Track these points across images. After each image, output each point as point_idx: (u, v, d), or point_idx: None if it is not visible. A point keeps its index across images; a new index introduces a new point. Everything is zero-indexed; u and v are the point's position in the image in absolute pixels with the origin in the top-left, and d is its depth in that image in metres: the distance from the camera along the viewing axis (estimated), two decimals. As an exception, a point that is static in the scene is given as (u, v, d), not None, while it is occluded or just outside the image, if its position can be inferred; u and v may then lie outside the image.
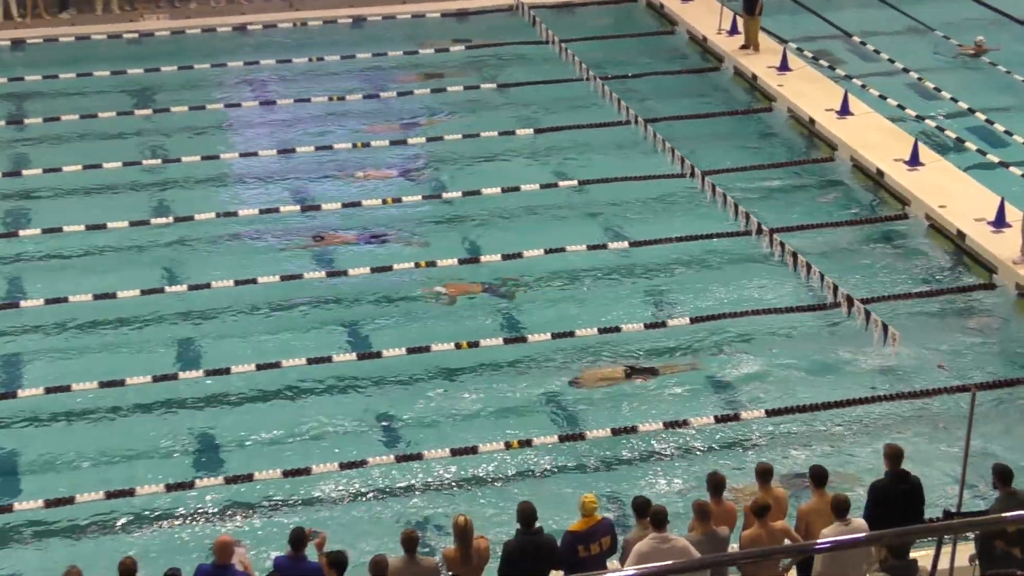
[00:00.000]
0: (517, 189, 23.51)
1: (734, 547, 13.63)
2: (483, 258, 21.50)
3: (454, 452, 17.05)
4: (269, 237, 22.26)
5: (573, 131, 25.81)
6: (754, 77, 27.72)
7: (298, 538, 13.27)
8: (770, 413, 17.80)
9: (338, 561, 12.91)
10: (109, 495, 16.22)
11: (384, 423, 17.90)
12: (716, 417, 17.70)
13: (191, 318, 20.09)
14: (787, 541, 13.36)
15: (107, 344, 19.55)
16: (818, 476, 13.86)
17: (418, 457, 16.98)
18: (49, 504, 16.13)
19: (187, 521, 16.07)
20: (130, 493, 16.27)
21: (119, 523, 16.02)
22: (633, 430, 17.45)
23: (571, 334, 19.47)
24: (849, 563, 12.98)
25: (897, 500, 13.68)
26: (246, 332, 19.79)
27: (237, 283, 20.59)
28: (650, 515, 13.14)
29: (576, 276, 21.23)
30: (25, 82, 27.95)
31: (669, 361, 19.16)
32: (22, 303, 20.24)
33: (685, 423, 17.58)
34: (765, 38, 28.90)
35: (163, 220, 22.51)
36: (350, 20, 31.50)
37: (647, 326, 19.74)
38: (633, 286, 21.06)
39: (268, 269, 21.07)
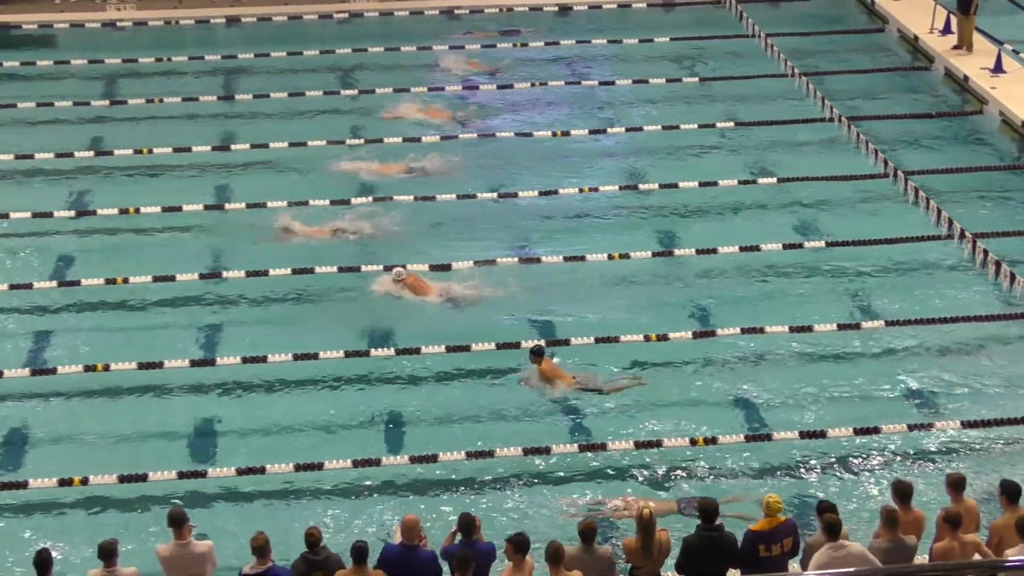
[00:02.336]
0: (715, 184, 23.31)
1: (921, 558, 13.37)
2: (676, 251, 21.39)
3: (638, 444, 16.99)
4: (468, 222, 22.51)
5: (774, 127, 25.50)
6: (965, 78, 26.98)
7: (468, 523, 13.47)
8: (965, 424, 17.34)
9: (520, 544, 13.04)
10: (298, 467, 16.58)
11: (570, 413, 17.92)
12: (908, 425, 17.32)
13: (387, 299, 20.38)
14: (977, 556, 13.03)
15: (302, 318, 19.98)
16: (1011, 491, 13.47)
17: (601, 447, 16.99)
18: (240, 472, 16.54)
19: (374, 497, 16.32)
20: (318, 467, 16.61)
21: (306, 495, 16.36)
22: (822, 435, 17.19)
23: (761, 331, 19.25)
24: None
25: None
26: (438, 314, 19.99)
27: (432, 267, 20.83)
28: (823, 524, 12.95)
29: (770, 274, 20.98)
30: (238, 59, 28.70)
31: (862, 363, 18.84)
32: (224, 274, 20.80)
33: (876, 430, 17.23)
34: (979, 38, 28.11)
35: (363, 200, 22.90)
36: (556, 8, 31.59)
37: (840, 327, 19.42)
38: (828, 286, 20.73)
39: (457, 255, 21.29)
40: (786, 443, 17.08)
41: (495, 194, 23.20)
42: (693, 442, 17.04)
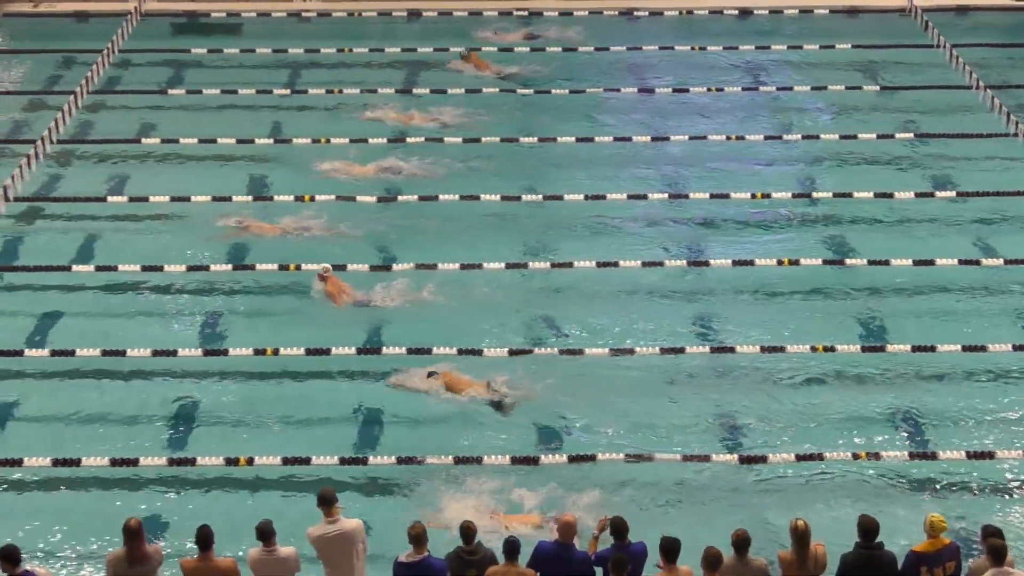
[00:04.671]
0: (890, 195, 22.84)
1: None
2: (848, 262, 21.06)
3: (799, 457, 16.79)
4: (635, 223, 22.47)
5: (955, 140, 24.87)
6: None
7: (621, 525, 13.46)
8: None
9: (665, 547, 12.99)
10: (457, 460, 16.77)
11: (731, 421, 17.79)
12: (1082, 452, 16.88)
13: (546, 295, 20.51)
14: None
15: (464, 309, 20.13)
16: None
17: (762, 460, 16.84)
18: (401, 462, 16.78)
19: (531, 495, 16.37)
20: (477, 461, 16.76)
21: (464, 487, 16.50)
22: (990, 455, 16.77)
23: (932, 349, 18.84)
24: None
25: None
26: (602, 314, 20.01)
27: (599, 265, 20.85)
28: (988, 548, 12.63)
29: (944, 290, 20.53)
30: (417, 52, 29.00)
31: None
32: (394, 267, 21.02)
33: (1048, 454, 16.81)
34: None
35: (533, 197, 23.01)
36: (736, 12, 31.31)
37: (1015, 347, 18.92)
38: (1004, 305, 20.21)
39: (626, 254, 21.31)
40: (952, 463, 16.72)
41: (666, 195, 23.09)
42: (855, 456, 16.77)
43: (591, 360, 18.76)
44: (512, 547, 13.18)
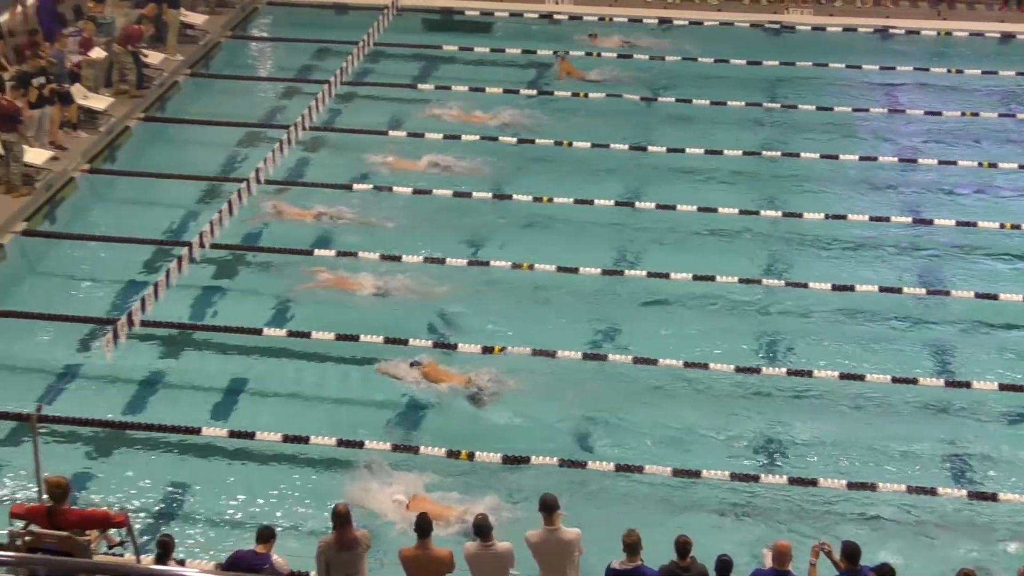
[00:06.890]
0: None
1: None
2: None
3: None
4: (875, 245, 22.02)
5: None
6: None
7: (853, 552, 13.16)
8: None
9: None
10: (676, 472, 16.67)
11: (961, 455, 17.31)
12: None
13: (780, 313, 20.25)
14: None
15: (695, 319, 20.03)
16: None
17: (992, 497, 16.30)
18: (619, 468, 16.76)
19: (747, 520, 16.21)
20: (696, 474, 16.66)
21: (679, 499, 16.39)
22: None
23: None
24: None
25: None
26: (835, 336, 19.68)
27: (834, 288, 20.45)
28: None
29: None
30: (665, 62, 28.95)
31: None
32: (626, 272, 21.04)
33: None
34: None
35: (773, 213, 22.73)
36: (998, 35, 30.37)
37: None
38: None
39: (867, 278, 20.86)
40: None
41: (910, 219, 22.53)
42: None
43: (818, 383, 18.46)
44: (724, 566, 13.05)
